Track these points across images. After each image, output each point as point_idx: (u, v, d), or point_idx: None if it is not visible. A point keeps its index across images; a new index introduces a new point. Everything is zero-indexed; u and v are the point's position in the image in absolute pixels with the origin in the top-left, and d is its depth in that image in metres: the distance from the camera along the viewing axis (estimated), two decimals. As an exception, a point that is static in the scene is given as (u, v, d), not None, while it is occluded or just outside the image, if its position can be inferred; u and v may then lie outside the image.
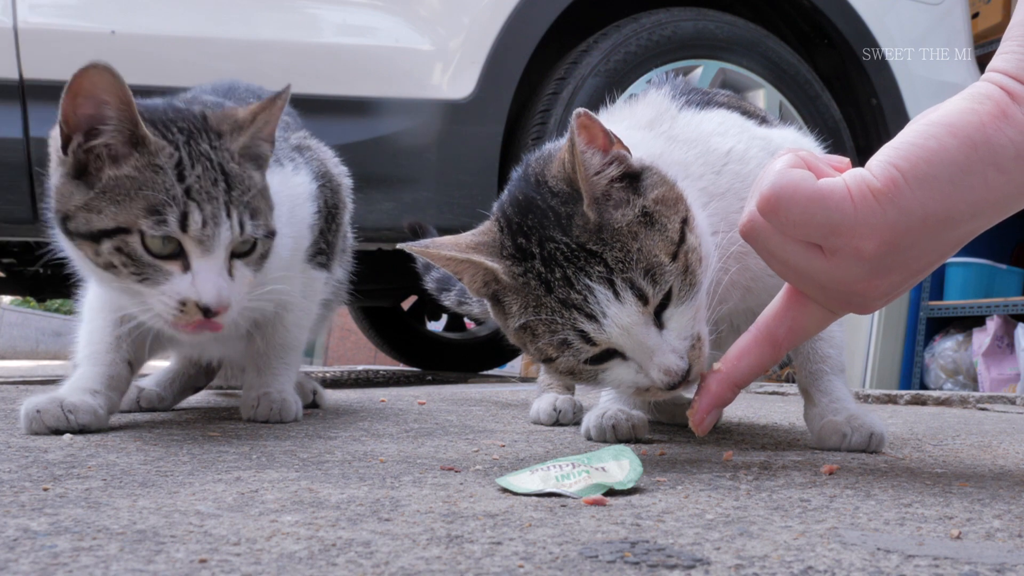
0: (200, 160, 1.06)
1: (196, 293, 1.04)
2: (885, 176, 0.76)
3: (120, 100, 1.03)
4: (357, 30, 2.34)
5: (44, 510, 0.66)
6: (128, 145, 1.04)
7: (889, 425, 1.35)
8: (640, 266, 0.88)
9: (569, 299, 0.88)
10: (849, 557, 0.56)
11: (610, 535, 0.61)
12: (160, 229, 1.02)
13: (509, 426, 1.41)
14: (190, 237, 1.04)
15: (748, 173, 1.06)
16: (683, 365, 0.90)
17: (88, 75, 1.01)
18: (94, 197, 1.03)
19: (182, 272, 1.05)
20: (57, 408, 1.11)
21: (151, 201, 1.02)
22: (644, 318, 0.88)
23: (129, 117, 1.03)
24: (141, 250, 1.03)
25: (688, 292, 0.90)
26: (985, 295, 3.72)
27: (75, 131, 1.04)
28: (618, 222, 0.89)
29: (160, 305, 1.05)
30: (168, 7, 2.21)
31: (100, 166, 1.04)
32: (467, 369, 4.18)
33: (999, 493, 0.81)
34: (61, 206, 1.05)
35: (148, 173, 1.03)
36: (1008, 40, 0.79)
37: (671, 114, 1.10)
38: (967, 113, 0.75)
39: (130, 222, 1.02)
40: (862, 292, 0.82)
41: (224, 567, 0.51)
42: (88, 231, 1.03)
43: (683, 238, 0.90)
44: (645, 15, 2.49)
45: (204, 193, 1.05)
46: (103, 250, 1.03)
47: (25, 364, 8.47)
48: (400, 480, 0.84)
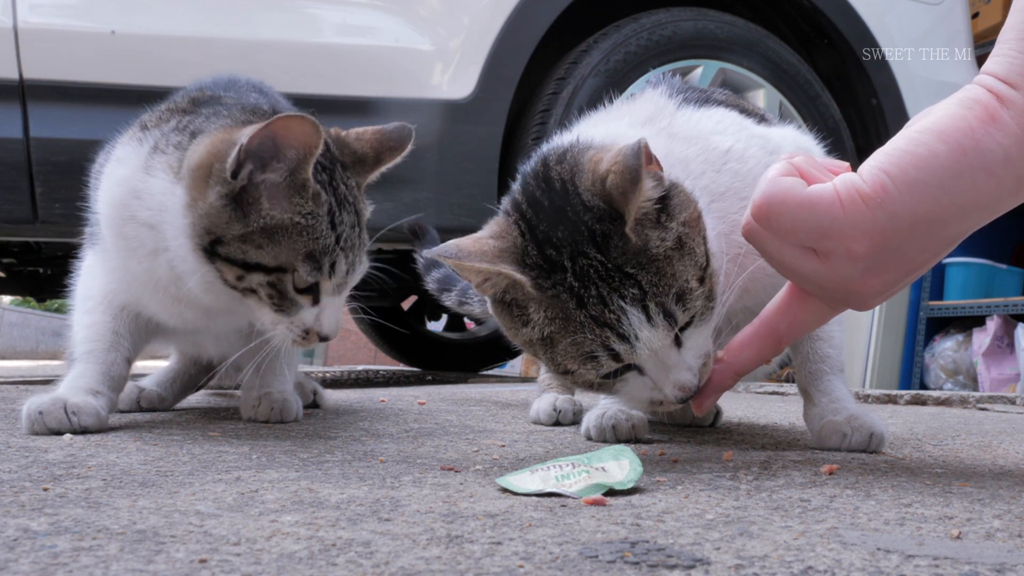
0: (345, 205, 1.12)
1: (320, 326, 1.13)
2: (874, 181, 0.78)
3: (307, 151, 1.05)
4: (357, 30, 2.34)
5: (44, 510, 0.66)
6: (289, 187, 1.07)
7: (889, 425, 1.35)
8: (672, 291, 0.88)
9: (603, 318, 0.88)
10: (849, 557, 0.56)
11: (610, 535, 0.61)
12: (313, 275, 1.09)
13: (509, 426, 1.41)
14: (332, 282, 1.12)
15: (747, 172, 1.06)
16: (695, 382, 0.92)
17: (291, 121, 1.03)
18: (254, 231, 1.06)
19: (311, 305, 1.12)
20: (60, 410, 1.11)
21: (311, 248, 1.08)
22: (670, 340, 0.90)
23: (304, 166, 1.06)
24: (291, 288, 1.10)
25: (708, 313, 0.92)
26: (985, 295, 3.72)
27: (250, 159, 1.05)
28: (654, 246, 0.89)
29: (285, 330, 1.13)
30: (168, 7, 2.21)
31: (258, 199, 1.06)
32: (467, 369, 4.18)
33: (999, 493, 0.81)
34: (215, 228, 1.06)
35: (309, 220, 1.08)
36: (1001, 43, 0.80)
37: (669, 111, 1.10)
38: (956, 119, 0.77)
39: (288, 263, 1.08)
40: (858, 290, 0.85)
41: (224, 567, 0.51)
42: (243, 261, 1.07)
43: (708, 261, 0.92)
44: (645, 15, 2.49)
45: (349, 241, 1.13)
46: (252, 280, 1.08)
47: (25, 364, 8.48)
48: (400, 480, 0.84)
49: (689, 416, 1.48)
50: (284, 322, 1.12)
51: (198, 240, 1.07)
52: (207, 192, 1.06)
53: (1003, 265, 3.85)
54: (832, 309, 0.90)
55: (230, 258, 1.07)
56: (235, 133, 1.08)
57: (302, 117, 1.03)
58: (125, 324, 1.25)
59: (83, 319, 1.26)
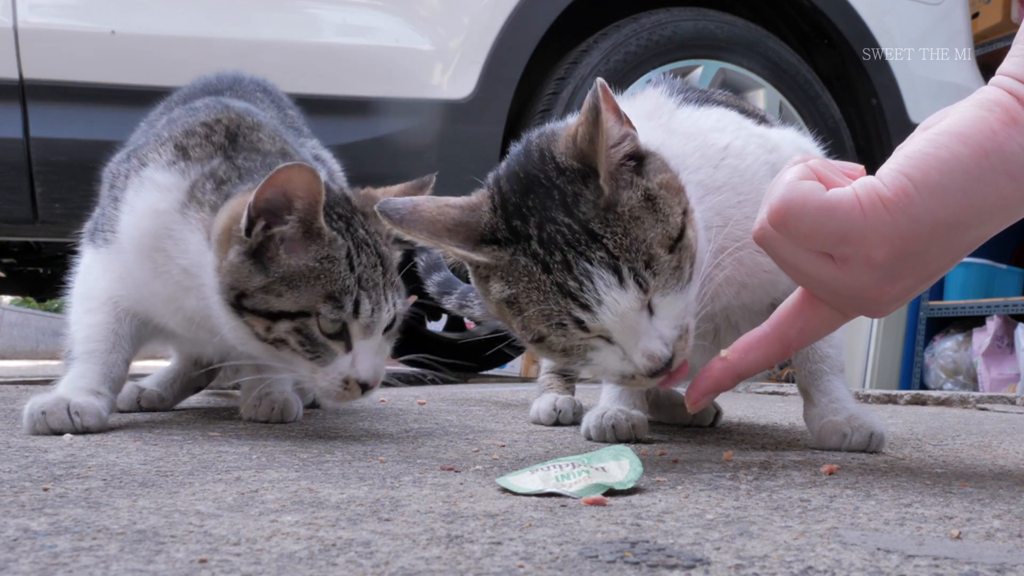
0: (363, 248, 1.14)
1: (357, 373, 1.12)
2: (896, 185, 0.76)
3: (312, 198, 1.07)
4: (357, 30, 2.34)
5: (44, 510, 0.66)
6: (304, 236, 1.10)
7: (889, 425, 1.35)
8: (641, 255, 0.87)
9: (566, 285, 0.87)
10: (849, 557, 0.56)
11: (610, 535, 0.61)
12: (337, 315, 1.09)
13: (509, 426, 1.41)
14: (359, 323, 1.11)
15: (746, 168, 1.05)
16: (666, 352, 0.89)
17: (291, 173, 1.05)
18: (273, 281, 1.09)
19: (344, 352, 1.12)
20: (63, 410, 1.11)
21: (330, 290, 1.09)
22: (639, 305, 0.88)
23: (314, 212, 1.08)
24: (317, 332, 1.10)
25: (676, 284, 0.90)
26: (985, 295, 3.72)
27: (261, 216, 1.08)
28: (624, 204, 0.88)
29: (325, 382, 1.12)
30: (168, 7, 2.21)
31: (275, 251, 1.09)
32: (467, 369, 4.18)
33: (999, 493, 0.81)
34: (237, 284, 1.09)
35: (326, 264, 1.10)
36: (1019, 43, 0.78)
37: (669, 108, 1.10)
38: (978, 121, 0.75)
39: (310, 307, 1.09)
40: (874, 297, 0.82)
41: (224, 567, 0.51)
42: (267, 310, 1.09)
43: (682, 233, 0.90)
44: (645, 15, 2.49)
45: (370, 281, 1.13)
46: (278, 328, 1.10)
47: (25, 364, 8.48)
48: (400, 480, 0.84)
49: (689, 416, 1.48)
50: (321, 373, 1.12)
51: (225, 296, 1.10)
52: (228, 252, 1.10)
53: (1003, 265, 3.85)
54: (845, 316, 0.88)
55: (255, 310, 1.10)
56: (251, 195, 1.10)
57: (300, 166, 1.05)
58: (127, 327, 1.25)
59: (84, 318, 1.25)
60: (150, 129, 1.38)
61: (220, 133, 1.22)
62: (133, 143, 1.37)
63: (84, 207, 1.44)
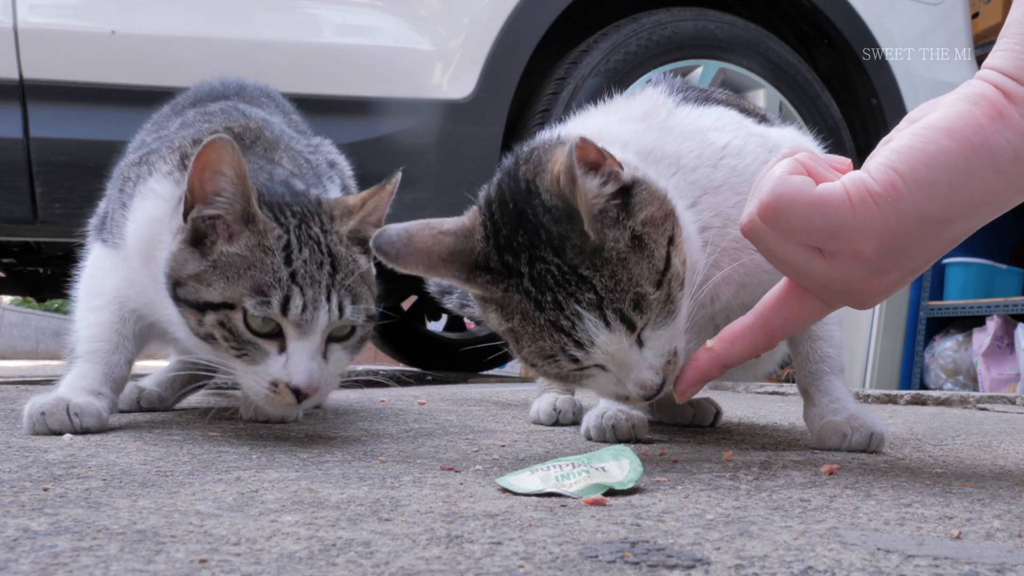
0: (308, 243, 1.07)
1: (287, 376, 1.04)
2: (884, 180, 0.76)
3: (236, 174, 1.03)
4: (357, 30, 2.34)
5: (44, 510, 0.66)
6: (241, 222, 1.05)
7: (889, 425, 1.35)
8: (628, 296, 0.89)
9: (559, 323, 0.89)
10: (849, 557, 0.56)
11: (610, 535, 0.61)
12: (261, 310, 1.02)
13: (509, 426, 1.41)
14: (289, 320, 1.03)
15: (744, 168, 1.05)
16: (657, 380, 0.91)
17: (213, 146, 1.01)
18: (205, 270, 1.04)
19: (278, 353, 1.05)
20: (63, 411, 1.11)
21: (257, 281, 1.03)
22: (629, 343, 0.90)
23: (242, 193, 1.04)
24: (242, 327, 1.03)
25: (666, 318, 0.91)
26: (985, 295, 3.72)
27: (197, 201, 1.05)
28: (610, 246, 0.89)
29: (253, 383, 1.05)
30: (168, 7, 2.21)
31: (215, 239, 1.05)
32: (467, 369, 4.18)
33: (999, 493, 0.81)
34: (175, 272, 1.06)
35: (258, 253, 1.04)
36: (1004, 37, 0.79)
37: (667, 108, 1.10)
38: (964, 115, 0.75)
39: (235, 299, 1.03)
40: (862, 290, 0.83)
41: (224, 567, 0.51)
42: (196, 301, 1.04)
43: (668, 264, 0.90)
44: (645, 15, 2.49)
45: (308, 278, 1.05)
46: (206, 321, 1.04)
47: (25, 364, 8.48)
48: (400, 480, 0.84)
49: (689, 416, 1.48)
50: (250, 371, 1.05)
51: (169, 289, 1.07)
52: (173, 241, 1.07)
53: (1003, 265, 3.85)
54: (830, 307, 0.89)
55: (186, 300, 1.05)
56: None
57: (219, 139, 1.00)
58: (131, 327, 1.24)
59: (89, 316, 1.24)
60: (159, 131, 1.37)
61: None
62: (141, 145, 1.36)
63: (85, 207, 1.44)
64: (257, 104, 1.46)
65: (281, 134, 1.31)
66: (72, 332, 1.25)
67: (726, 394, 2.62)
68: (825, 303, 0.88)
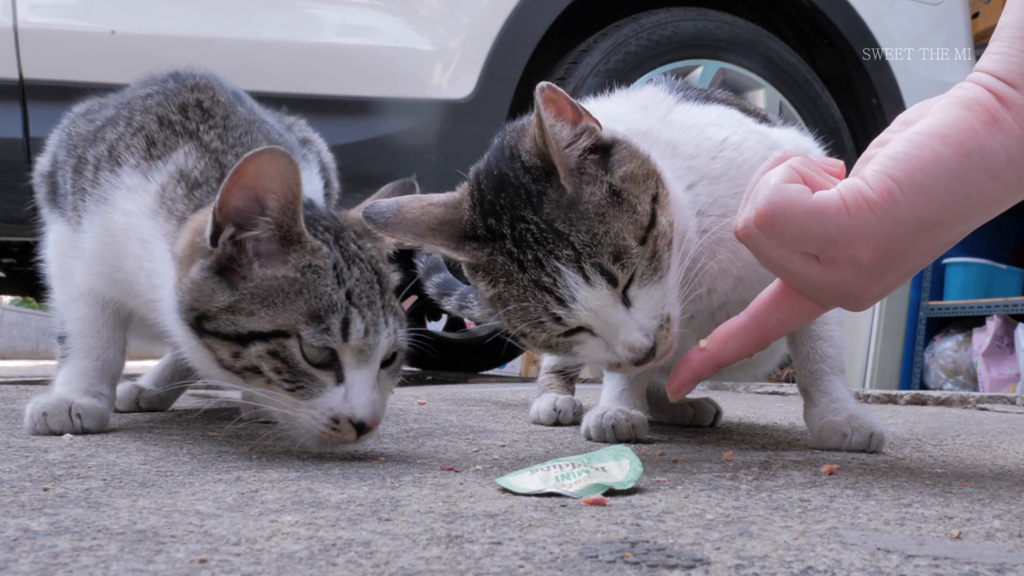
0: (354, 260, 0.97)
1: (351, 409, 0.92)
2: (881, 187, 0.76)
3: (289, 192, 0.91)
4: (357, 30, 2.34)
5: (44, 510, 0.66)
6: (280, 243, 0.93)
7: (889, 425, 1.35)
8: (608, 250, 0.89)
9: (540, 281, 0.89)
10: (849, 557, 0.56)
11: (610, 535, 0.61)
12: (320, 338, 0.90)
13: (509, 426, 1.41)
14: (349, 347, 0.92)
15: (744, 162, 1.06)
16: (647, 343, 0.91)
17: (261, 159, 0.89)
18: (243, 298, 0.91)
19: (335, 384, 0.93)
20: (64, 412, 1.10)
21: (313, 306, 0.91)
22: (612, 299, 0.89)
23: (293, 211, 0.92)
24: (299, 357, 0.91)
25: (653, 275, 0.91)
26: (985, 295, 3.72)
27: (227, 221, 0.92)
28: (587, 200, 0.89)
29: (309, 420, 0.93)
30: (168, 7, 2.21)
31: (247, 263, 0.93)
32: (467, 369, 4.18)
33: (999, 493, 0.81)
34: (200, 305, 0.92)
35: (309, 275, 0.92)
36: (997, 40, 0.79)
37: (668, 104, 1.11)
38: (959, 120, 0.75)
39: (289, 326, 0.91)
40: (857, 294, 0.84)
41: (224, 567, 0.51)
42: (235, 333, 0.91)
43: (654, 221, 0.90)
44: (645, 15, 2.49)
45: (364, 298, 0.94)
46: (248, 354, 0.91)
47: (25, 364, 8.47)
48: (400, 480, 0.84)
49: (689, 416, 1.48)
50: (304, 407, 0.92)
51: (184, 316, 0.94)
52: (192, 267, 0.94)
53: (1003, 265, 3.85)
54: (823, 308, 0.89)
55: (220, 332, 0.92)
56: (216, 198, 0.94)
57: (271, 152, 0.89)
58: (114, 316, 1.19)
59: (72, 310, 1.19)
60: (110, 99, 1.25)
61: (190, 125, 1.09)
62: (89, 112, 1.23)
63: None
64: None
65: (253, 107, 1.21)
66: (57, 319, 1.20)
67: (726, 394, 2.62)
68: (819, 304, 0.88)
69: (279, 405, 0.93)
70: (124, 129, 1.10)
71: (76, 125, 1.21)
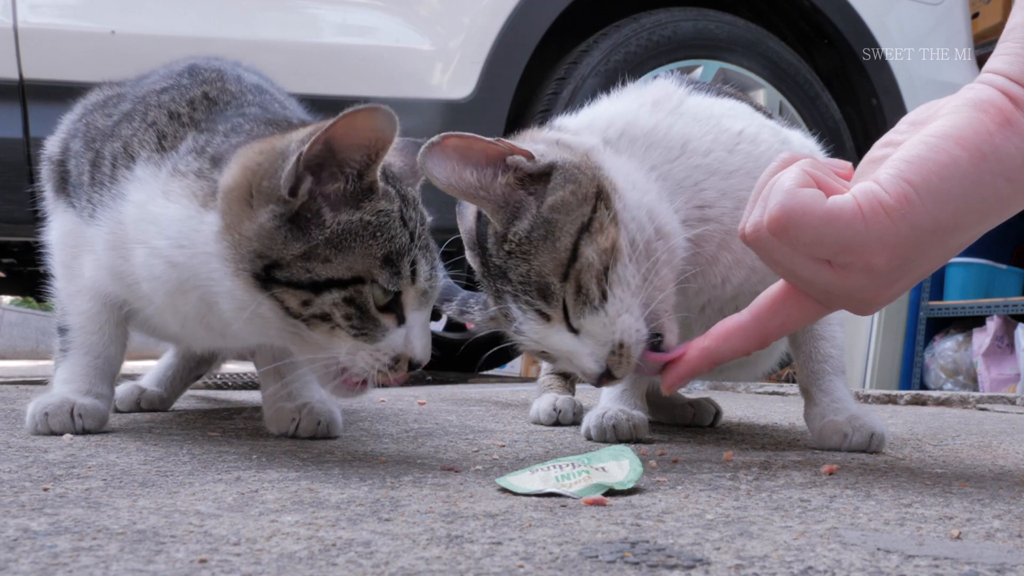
0: (409, 202, 0.96)
1: (412, 351, 0.94)
2: (897, 192, 0.75)
3: (383, 148, 0.90)
4: (357, 30, 2.34)
5: (44, 510, 0.66)
6: (356, 191, 0.92)
7: (889, 425, 1.35)
8: (533, 288, 0.92)
9: (501, 310, 0.96)
10: (849, 557, 0.56)
11: (610, 535, 0.61)
12: (395, 282, 0.92)
13: (509, 426, 1.41)
14: (415, 289, 0.94)
15: (760, 155, 1.06)
16: (596, 370, 0.93)
17: (363, 117, 0.88)
18: (318, 244, 0.89)
19: (396, 325, 0.94)
20: (66, 413, 1.10)
21: (388, 250, 0.91)
22: (553, 330, 0.93)
23: (374, 165, 0.92)
24: (371, 302, 0.91)
25: (585, 307, 0.92)
26: (985, 295, 3.72)
27: (308, 170, 0.90)
28: (514, 236, 0.93)
29: (370, 360, 0.93)
30: (168, 7, 2.21)
31: (317, 210, 0.90)
32: (467, 369, 4.18)
33: (999, 493, 0.81)
34: (269, 251, 0.90)
35: (382, 219, 0.91)
36: (1006, 41, 0.78)
37: (679, 96, 1.11)
38: (974, 123, 0.74)
39: (366, 271, 0.90)
40: (868, 299, 0.82)
41: (224, 567, 0.51)
42: (310, 280, 0.90)
43: (575, 255, 0.91)
44: (645, 15, 2.49)
45: (424, 240, 0.95)
46: (323, 302, 0.90)
47: (25, 364, 8.48)
48: (400, 480, 0.84)
49: (689, 416, 1.48)
50: (367, 350, 0.93)
51: (246, 266, 0.91)
52: (254, 213, 0.91)
53: (1003, 265, 3.85)
54: (828, 310, 0.88)
55: (293, 281, 0.90)
56: (278, 142, 0.93)
57: (374, 109, 0.87)
58: (116, 313, 1.17)
59: (76, 303, 1.17)
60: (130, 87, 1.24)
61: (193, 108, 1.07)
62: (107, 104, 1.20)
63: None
64: None
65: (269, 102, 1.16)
66: (59, 309, 1.19)
67: (726, 394, 2.62)
68: (825, 307, 0.87)
69: (340, 348, 0.93)
70: (139, 124, 1.09)
71: (94, 117, 1.19)
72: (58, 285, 1.19)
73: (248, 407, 1.64)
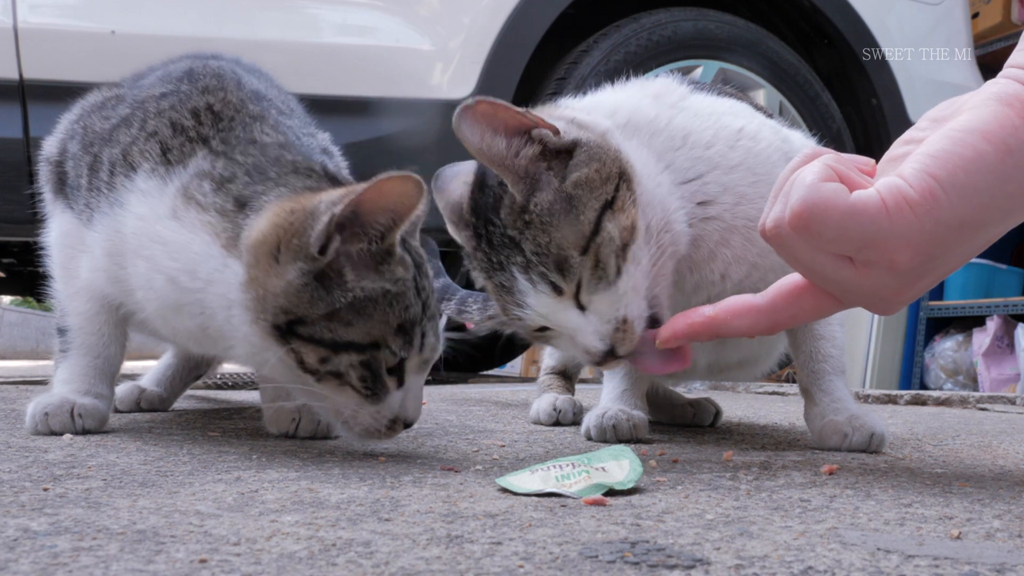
0: (421, 269, 0.98)
1: (407, 413, 0.98)
2: (922, 187, 0.73)
3: (408, 215, 0.92)
4: (357, 30, 2.34)
5: (44, 510, 0.66)
6: (376, 255, 0.94)
7: (889, 425, 1.35)
8: (551, 260, 0.91)
9: (503, 284, 0.95)
10: (849, 557, 0.56)
11: (610, 535, 0.61)
12: (404, 350, 0.94)
13: (509, 426, 1.41)
14: (421, 357, 0.97)
15: (760, 151, 1.07)
16: (600, 346, 0.94)
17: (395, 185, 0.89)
18: (342, 308, 0.92)
19: (396, 388, 0.97)
20: (66, 413, 1.10)
21: (402, 319, 0.94)
22: (561, 305, 0.92)
23: (396, 231, 0.93)
24: (383, 366, 0.94)
25: (600, 282, 0.92)
26: (985, 295, 3.72)
27: (336, 231, 0.91)
28: (534, 208, 0.92)
29: (371, 420, 0.97)
30: (168, 7, 2.21)
31: (340, 269, 0.92)
32: (467, 369, 4.18)
33: (999, 493, 0.81)
34: (296, 308, 0.92)
35: (400, 288, 0.94)
36: None
37: (681, 93, 1.12)
38: (1000, 117, 0.73)
39: (381, 337, 0.93)
40: (889, 298, 0.81)
41: (224, 567, 0.51)
42: (331, 340, 0.92)
43: (598, 229, 0.91)
44: (645, 15, 2.49)
45: (431, 311, 0.98)
46: (340, 361, 0.93)
47: (25, 364, 8.47)
48: (400, 480, 0.84)
49: (689, 416, 1.48)
50: (370, 411, 0.96)
51: (268, 318, 0.93)
52: (282, 269, 0.92)
53: (1003, 265, 3.85)
54: (845, 307, 0.86)
55: (315, 339, 0.92)
56: (307, 202, 0.94)
57: (406, 177, 0.89)
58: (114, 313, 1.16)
59: (74, 304, 1.16)
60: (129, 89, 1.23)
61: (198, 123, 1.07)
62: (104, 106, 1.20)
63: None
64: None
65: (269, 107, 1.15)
66: (58, 310, 1.18)
67: (726, 394, 2.62)
68: (846, 305, 0.85)
69: (342, 405, 0.96)
70: (138, 132, 1.09)
71: (91, 120, 1.18)
72: (57, 286, 1.20)
73: (248, 407, 1.64)
